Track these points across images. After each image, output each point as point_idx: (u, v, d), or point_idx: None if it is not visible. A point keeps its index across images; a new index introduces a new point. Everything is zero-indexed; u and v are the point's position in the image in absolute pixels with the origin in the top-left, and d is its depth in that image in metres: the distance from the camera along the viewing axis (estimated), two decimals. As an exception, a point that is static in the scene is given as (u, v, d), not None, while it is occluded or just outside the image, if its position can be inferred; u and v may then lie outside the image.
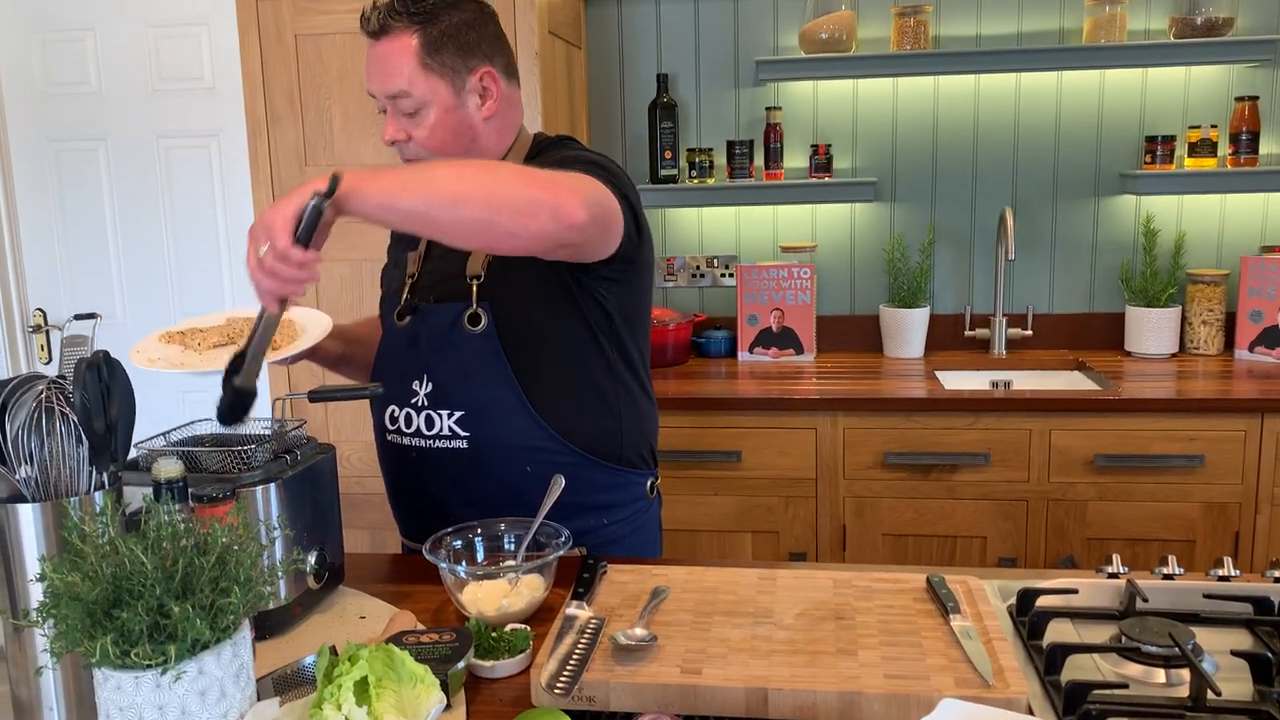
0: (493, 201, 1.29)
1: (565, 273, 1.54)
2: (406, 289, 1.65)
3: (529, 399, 1.56)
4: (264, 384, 2.89)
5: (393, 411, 1.63)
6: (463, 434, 1.57)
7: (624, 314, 1.62)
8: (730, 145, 3.10)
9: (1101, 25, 2.92)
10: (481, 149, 1.61)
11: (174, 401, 3.35)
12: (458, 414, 1.57)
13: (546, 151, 1.64)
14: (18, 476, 1.12)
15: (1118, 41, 2.90)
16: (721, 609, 1.31)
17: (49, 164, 3.40)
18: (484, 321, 1.56)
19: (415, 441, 1.61)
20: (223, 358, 1.37)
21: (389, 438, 1.65)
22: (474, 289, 1.56)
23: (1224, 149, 2.98)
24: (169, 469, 1.19)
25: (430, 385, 1.59)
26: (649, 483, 1.72)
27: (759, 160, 3.14)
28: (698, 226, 3.27)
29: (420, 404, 1.59)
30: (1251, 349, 2.92)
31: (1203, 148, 2.94)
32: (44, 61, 3.34)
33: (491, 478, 1.58)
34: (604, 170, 1.51)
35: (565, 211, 1.32)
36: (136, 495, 1.21)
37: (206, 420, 1.47)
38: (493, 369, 1.55)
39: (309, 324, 1.62)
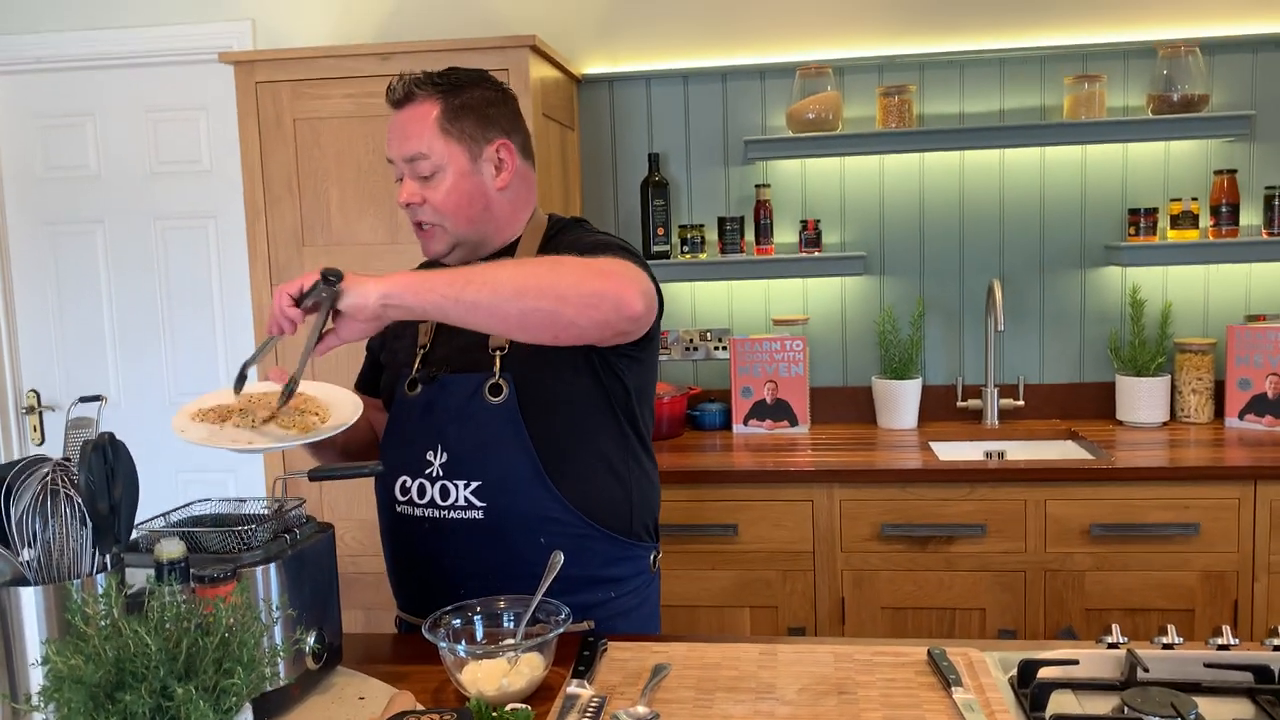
0: (557, 293, 1.37)
1: (591, 350, 1.57)
2: (418, 359, 1.67)
3: (546, 471, 1.57)
4: (260, 462, 2.90)
5: (404, 482, 1.63)
6: (479, 504, 1.57)
7: (639, 389, 1.66)
8: (721, 221, 3.15)
9: (1081, 102, 2.99)
10: (494, 217, 1.64)
11: (169, 482, 3.35)
12: (475, 484, 1.58)
13: (565, 232, 1.68)
14: (20, 559, 1.12)
15: (1098, 118, 2.97)
16: (723, 685, 1.31)
17: (46, 246, 3.44)
18: (505, 392, 1.57)
19: (428, 512, 1.61)
20: (272, 437, 1.46)
21: (399, 509, 1.65)
22: (497, 360, 1.59)
23: (1205, 221, 3.03)
24: (171, 550, 1.19)
25: (445, 455, 1.59)
26: (652, 556, 1.73)
27: (750, 236, 3.19)
28: (690, 301, 3.31)
29: (435, 474, 1.60)
30: (1241, 416, 2.94)
31: (1184, 220, 3.00)
32: (44, 146, 3.40)
33: (506, 548, 1.58)
34: (635, 256, 1.57)
35: (626, 303, 1.41)
36: (138, 576, 1.21)
37: (204, 500, 1.47)
38: (512, 439, 1.57)
39: (334, 403, 1.58)
